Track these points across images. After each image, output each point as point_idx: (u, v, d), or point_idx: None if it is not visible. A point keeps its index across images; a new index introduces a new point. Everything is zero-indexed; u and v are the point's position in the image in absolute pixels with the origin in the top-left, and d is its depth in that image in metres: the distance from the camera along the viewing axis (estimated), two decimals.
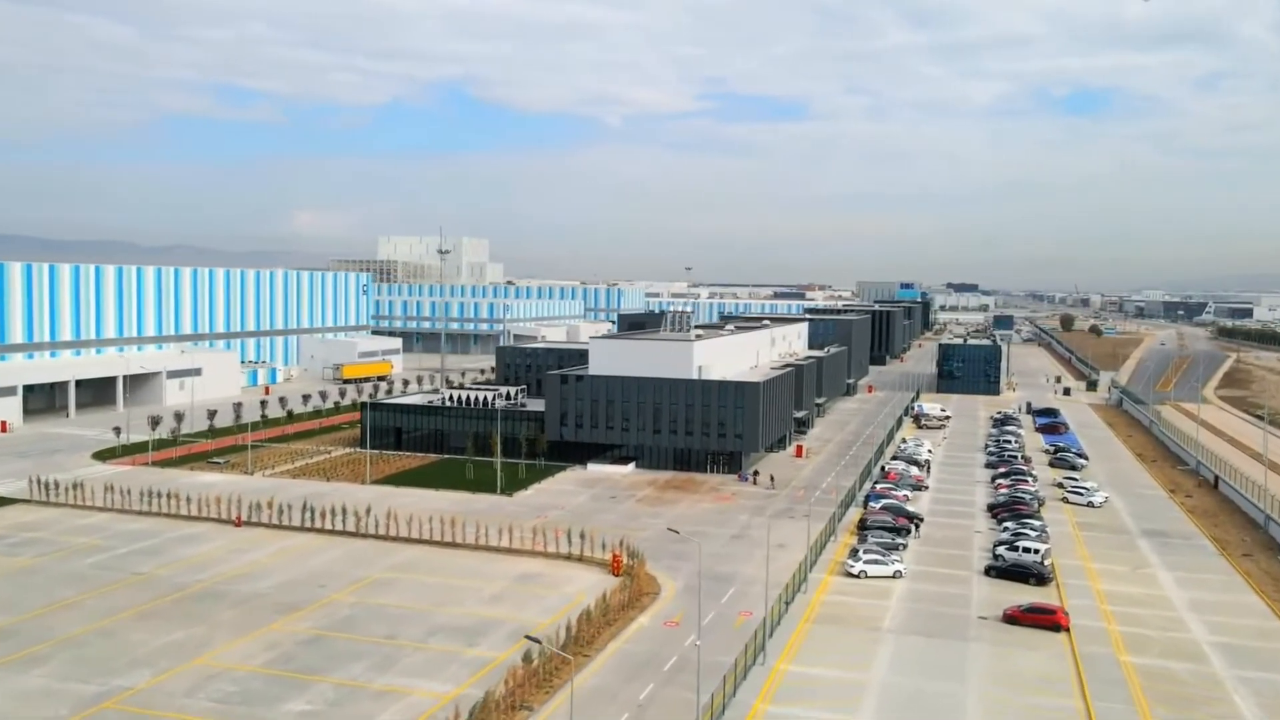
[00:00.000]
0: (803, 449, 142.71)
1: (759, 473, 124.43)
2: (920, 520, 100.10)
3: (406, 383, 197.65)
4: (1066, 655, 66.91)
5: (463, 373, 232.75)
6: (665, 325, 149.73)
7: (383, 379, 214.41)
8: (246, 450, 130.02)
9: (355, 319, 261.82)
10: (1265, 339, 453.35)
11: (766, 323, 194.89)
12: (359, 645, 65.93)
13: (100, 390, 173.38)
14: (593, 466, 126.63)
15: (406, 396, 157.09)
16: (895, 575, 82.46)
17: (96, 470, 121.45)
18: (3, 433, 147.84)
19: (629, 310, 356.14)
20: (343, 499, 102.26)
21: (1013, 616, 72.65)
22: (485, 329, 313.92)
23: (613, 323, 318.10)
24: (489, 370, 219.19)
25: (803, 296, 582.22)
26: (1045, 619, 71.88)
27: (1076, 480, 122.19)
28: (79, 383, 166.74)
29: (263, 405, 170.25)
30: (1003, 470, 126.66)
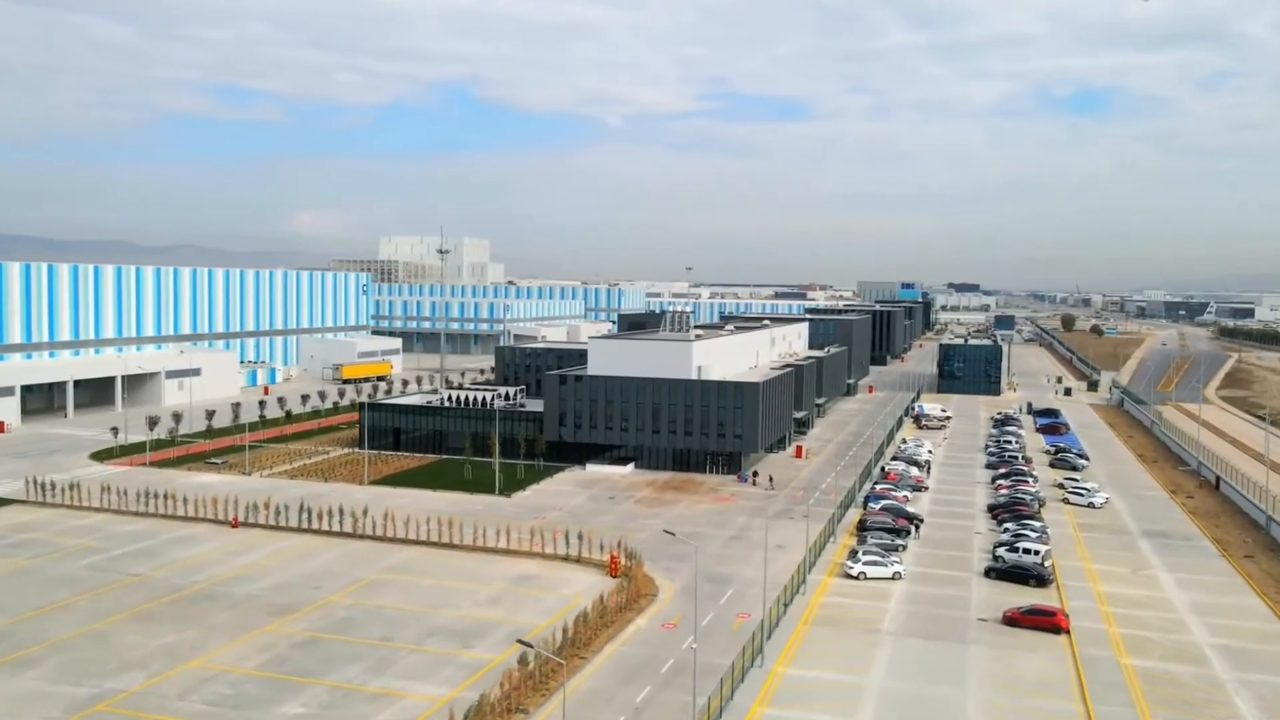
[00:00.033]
0: (802, 449, 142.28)
1: (758, 473, 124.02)
2: (920, 521, 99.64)
3: (406, 383, 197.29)
4: (1067, 658, 66.45)
5: (462, 373, 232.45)
6: (665, 325, 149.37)
7: (382, 379, 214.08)
8: (244, 451, 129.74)
9: (355, 319, 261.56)
10: (1267, 339, 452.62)
11: (766, 323, 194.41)
12: (354, 647, 65.56)
13: (99, 390, 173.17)
14: (591, 467, 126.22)
15: (405, 397, 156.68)
16: (894, 577, 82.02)
17: (94, 471, 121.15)
18: (1, 433, 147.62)
19: (629, 310, 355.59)
20: (340, 500, 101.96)
21: (1013, 618, 72.18)
22: (485, 329, 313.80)
23: (613, 323, 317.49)
24: (489, 370, 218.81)
25: (803, 296, 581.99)
26: (1045, 621, 71.39)
27: (1077, 481, 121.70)
28: (77, 383, 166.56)
29: (261, 405, 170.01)
30: (1003, 471, 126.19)
